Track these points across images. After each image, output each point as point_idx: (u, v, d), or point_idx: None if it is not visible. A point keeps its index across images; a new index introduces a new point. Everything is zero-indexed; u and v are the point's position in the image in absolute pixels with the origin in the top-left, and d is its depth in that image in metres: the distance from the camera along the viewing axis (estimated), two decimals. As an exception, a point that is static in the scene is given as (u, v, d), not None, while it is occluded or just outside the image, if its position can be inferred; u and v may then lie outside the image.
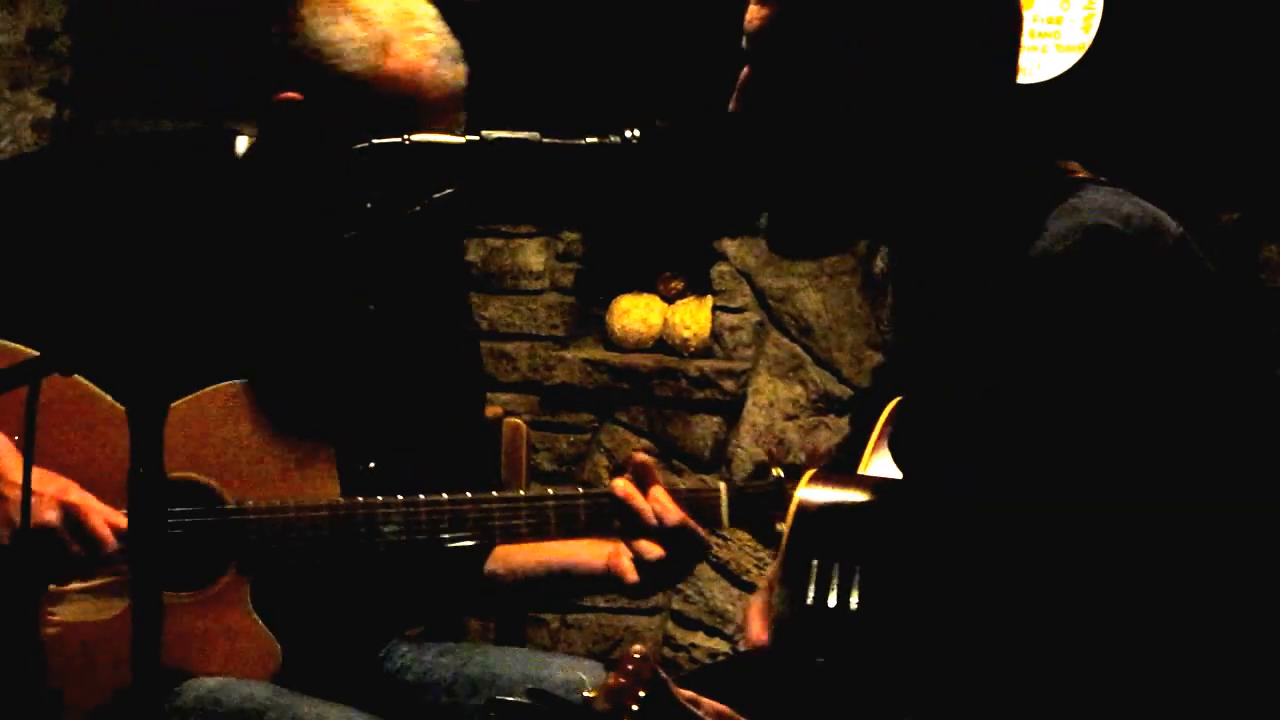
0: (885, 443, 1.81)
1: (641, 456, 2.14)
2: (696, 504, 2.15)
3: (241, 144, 2.19)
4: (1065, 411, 1.45)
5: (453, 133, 2.15)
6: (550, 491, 2.16)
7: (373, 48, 2.05)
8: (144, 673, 1.47)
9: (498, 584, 2.30)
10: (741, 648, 3.98)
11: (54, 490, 1.97)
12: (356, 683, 2.16)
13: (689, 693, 1.52)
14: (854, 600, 1.56)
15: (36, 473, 1.95)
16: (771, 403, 3.99)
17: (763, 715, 1.56)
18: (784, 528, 2.13)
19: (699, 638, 4.05)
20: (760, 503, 2.20)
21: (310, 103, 2.05)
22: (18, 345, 2.03)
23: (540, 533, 2.14)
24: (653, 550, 2.09)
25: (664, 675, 1.49)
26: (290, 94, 2.06)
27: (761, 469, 2.29)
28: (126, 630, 1.49)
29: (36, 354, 1.96)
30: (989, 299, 1.51)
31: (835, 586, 1.57)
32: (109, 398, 2.05)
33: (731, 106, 1.64)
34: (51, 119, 4.40)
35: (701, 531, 2.12)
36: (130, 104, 4.32)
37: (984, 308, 1.51)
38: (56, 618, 2.02)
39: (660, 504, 2.09)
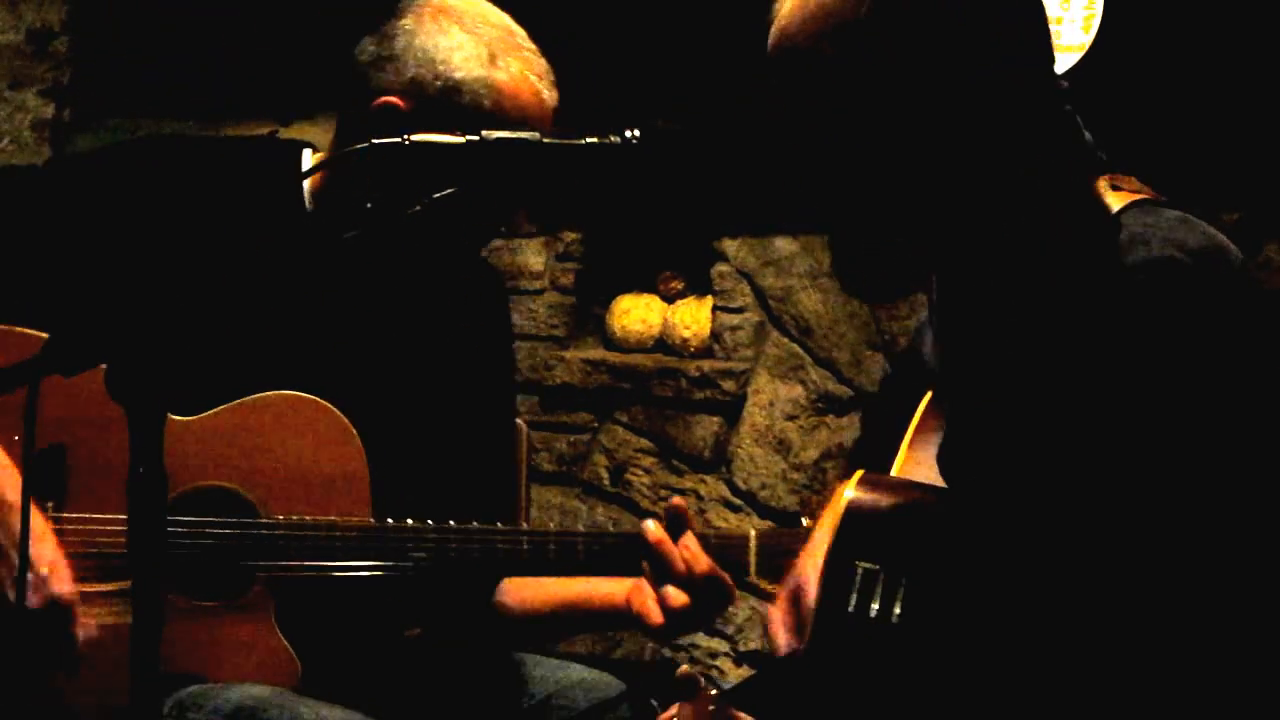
0: (922, 444, 1.79)
1: (678, 501, 2.12)
2: (723, 551, 2.14)
3: (308, 156, 2.18)
4: (1147, 437, 1.44)
5: None
6: (581, 529, 2.15)
7: (481, 57, 2.05)
8: (143, 673, 1.47)
9: (508, 615, 2.29)
10: (742, 648, 3.98)
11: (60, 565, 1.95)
12: (368, 690, 2.15)
13: (747, 718, 1.52)
14: (896, 611, 1.55)
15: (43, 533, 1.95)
16: (771, 403, 3.99)
17: None
18: (810, 523, 2.12)
19: (699, 637, 4.05)
20: (789, 555, 2.19)
21: (414, 110, 2.04)
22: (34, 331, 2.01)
23: (566, 569, 2.14)
24: (679, 597, 2.07)
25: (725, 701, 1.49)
26: (393, 99, 2.04)
27: (791, 518, 2.27)
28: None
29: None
30: (1059, 319, 1.49)
31: (879, 596, 1.56)
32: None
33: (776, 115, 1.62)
34: (51, 119, 4.40)
35: (729, 581, 2.10)
36: (130, 104, 4.32)
37: (1055, 328, 1.49)
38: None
39: (691, 552, 2.07)
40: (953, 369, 1.71)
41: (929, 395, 1.86)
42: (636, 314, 4.21)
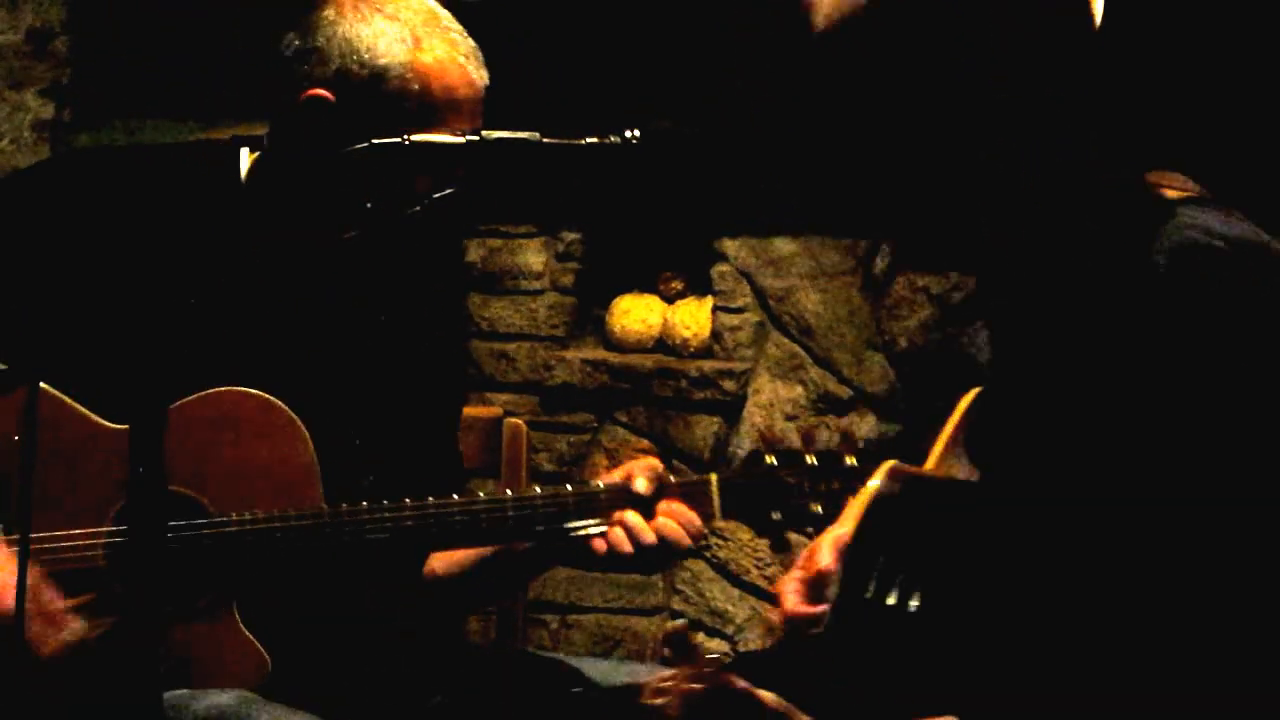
0: (959, 440, 1.78)
1: (655, 463, 2.15)
2: (688, 497, 2.14)
3: (245, 156, 2.18)
4: (1179, 427, 1.43)
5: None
6: (537, 490, 2.15)
7: (405, 42, 2.05)
8: (143, 683, 1.47)
9: (435, 578, 2.28)
10: (741, 649, 3.99)
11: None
12: (339, 682, 2.15)
13: (744, 683, 1.51)
14: (914, 603, 1.54)
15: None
16: (771, 403, 3.98)
17: (812, 705, 1.55)
18: (771, 459, 2.11)
19: (699, 638, 4.05)
20: (752, 493, 2.17)
21: (340, 100, 2.04)
22: None
23: (526, 535, 2.14)
24: (648, 535, 2.10)
25: (723, 665, 1.49)
26: (320, 91, 2.05)
27: (754, 456, 2.24)
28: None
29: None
30: (1100, 315, 1.48)
31: (898, 586, 1.56)
32: (82, 410, 2.03)
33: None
34: (51, 119, 4.40)
35: (697, 523, 2.12)
36: (130, 104, 4.32)
37: (1098, 322, 1.49)
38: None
39: (637, 527, 2.10)
40: (1002, 359, 1.70)
41: (971, 394, 1.85)
42: (636, 314, 4.21)
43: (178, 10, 4.32)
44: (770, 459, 2.17)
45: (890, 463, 1.70)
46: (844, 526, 1.75)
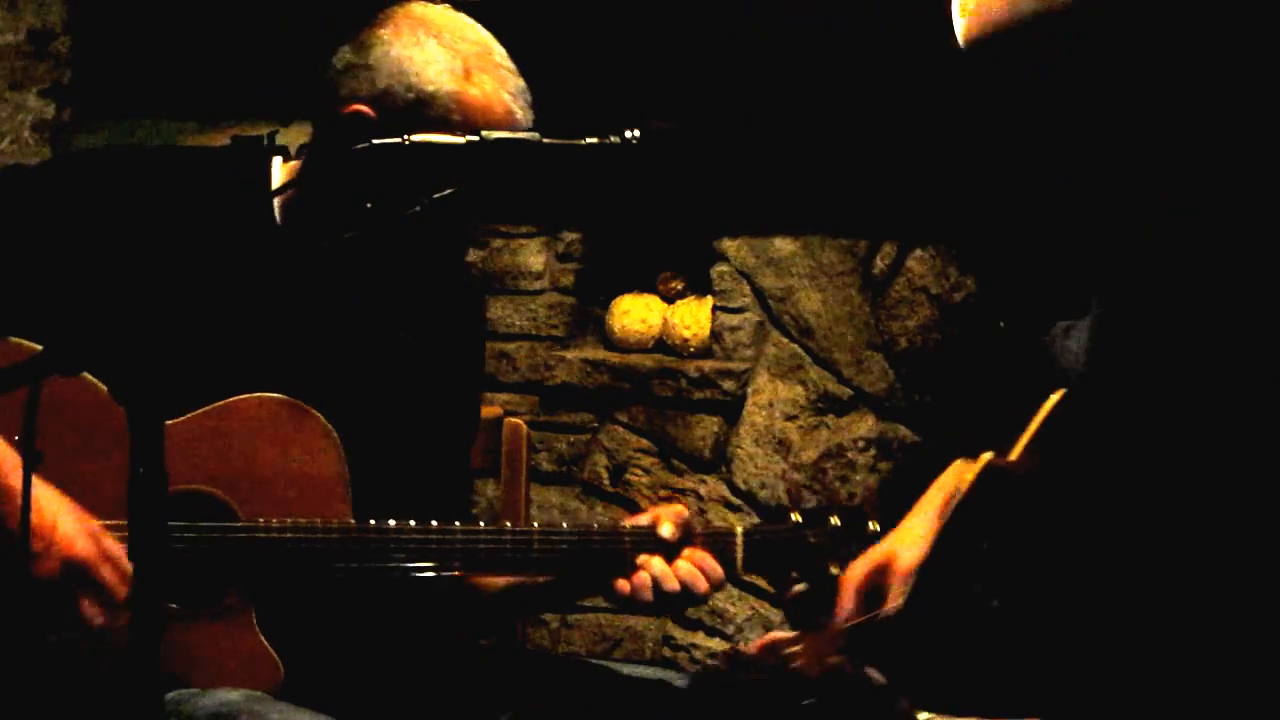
0: (1043, 441, 1.78)
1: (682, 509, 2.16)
2: (711, 547, 2.16)
3: (277, 165, 2.17)
4: None
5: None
6: (564, 526, 2.16)
7: (455, 72, 2.04)
8: (143, 680, 1.47)
9: (469, 594, 2.29)
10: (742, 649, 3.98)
11: (63, 534, 1.95)
12: (352, 693, 2.15)
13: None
14: (996, 599, 1.55)
15: (52, 500, 1.95)
16: (771, 403, 3.98)
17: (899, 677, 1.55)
18: (797, 517, 2.13)
19: (699, 638, 4.05)
20: (775, 550, 2.20)
21: (381, 120, 2.03)
22: (25, 341, 2.02)
23: (549, 568, 2.15)
24: (672, 583, 2.12)
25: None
26: (362, 107, 2.04)
27: (779, 512, 2.27)
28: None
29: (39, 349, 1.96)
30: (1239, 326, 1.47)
31: (983, 577, 1.56)
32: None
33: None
34: (51, 119, 4.40)
35: (719, 574, 2.13)
36: (130, 104, 4.32)
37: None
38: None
39: (661, 573, 2.12)
40: (1108, 366, 1.68)
41: (1057, 395, 1.85)
42: (636, 314, 4.21)
43: (177, 10, 4.32)
44: (795, 516, 2.20)
45: (987, 456, 1.70)
46: (914, 528, 1.75)
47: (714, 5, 3.84)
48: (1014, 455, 1.80)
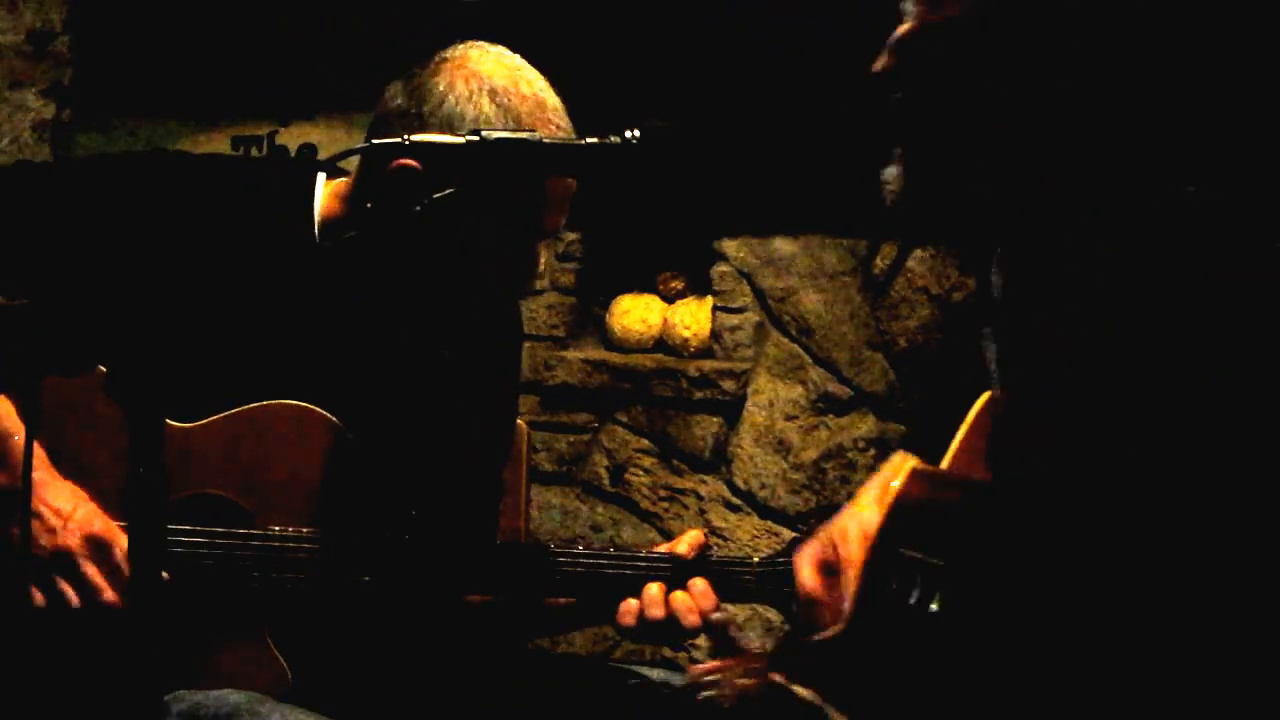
0: (975, 443, 1.78)
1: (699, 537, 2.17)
2: (725, 572, 2.17)
3: (320, 182, 2.15)
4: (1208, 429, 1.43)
5: (555, 232, 2.16)
6: (580, 548, 2.16)
7: (505, 129, 1.99)
8: (143, 680, 1.47)
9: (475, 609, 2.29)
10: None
11: (81, 516, 1.96)
12: (361, 703, 2.15)
13: (780, 677, 1.52)
14: (935, 605, 1.55)
15: (67, 489, 1.96)
16: (771, 403, 3.99)
17: (841, 700, 1.55)
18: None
19: (699, 638, 4.04)
20: (786, 580, 2.20)
21: (426, 174, 1.98)
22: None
23: (557, 590, 2.15)
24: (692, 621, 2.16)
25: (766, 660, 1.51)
26: (409, 161, 1.99)
27: (791, 518, 2.29)
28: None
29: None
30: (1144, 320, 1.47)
31: (920, 586, 1.56)
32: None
33: (881, 63, 1.58)
34: (51, 119, 4.40)
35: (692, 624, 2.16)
36: (130, 104, 4.32)
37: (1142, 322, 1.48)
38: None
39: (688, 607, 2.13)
40: (1021, 366, 1.69)
41: (985, 397, 1.85)
42: (636, 314, 4.21)
43: (178, 10, 4.32)
44: None
45: (912, 463, 1.70)
46: (864, 510, 1.75)
47: (714, 5, 3.84)
48: (946, 458, 1.81)
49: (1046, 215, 1.56)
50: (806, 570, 1.79)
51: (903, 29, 1.57)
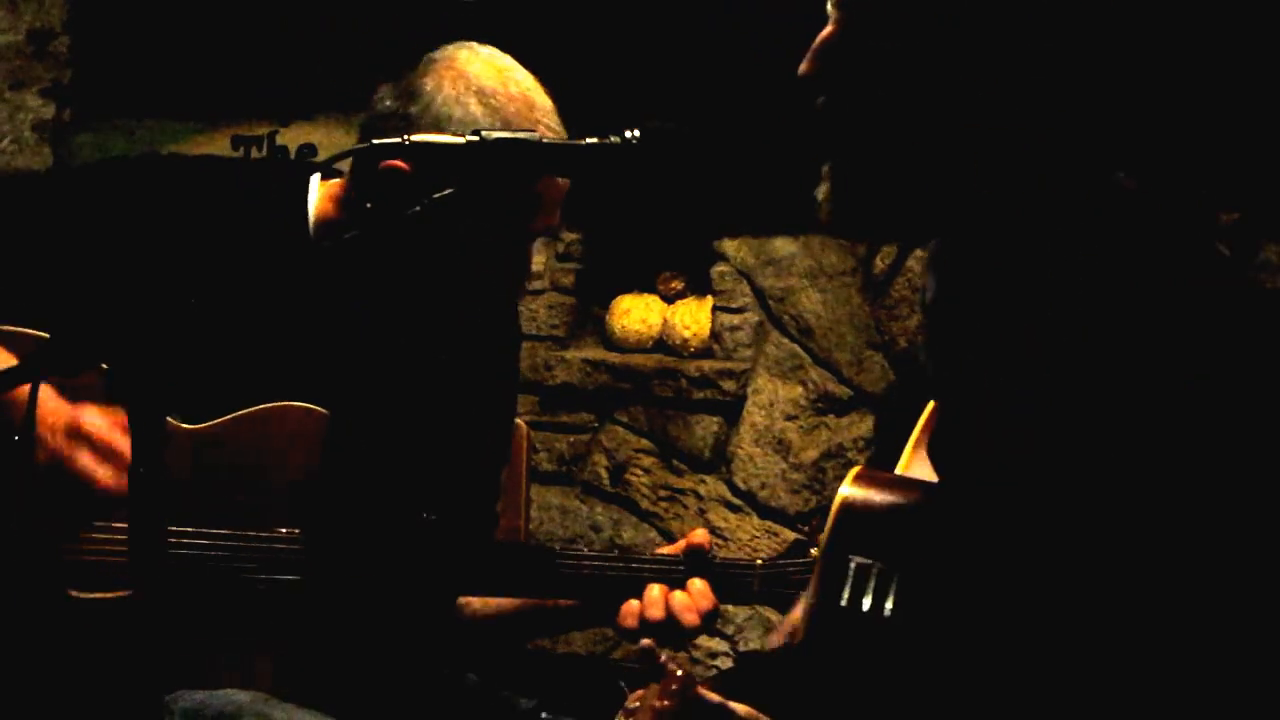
0: (925, 444, 1.79)
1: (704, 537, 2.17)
2: (728, 574, 2.17)
3: (314, 183, 2.16)
4: (1140, 428, 1.43)
5: (550, 231, 2.15)
6: (584, 550, 2.16)
7: (494, 129, 2.01)
8: (143, 680, 1.47)
9: (470, 616, 2.29)
10: (742, 648, 3.99)
11: (63, 421, 1.94)
12: (360, 706, 2.15)
13: (717, 697, 1.52)
14: (889, 606, 1.55)
15: (50, 398, 1.94)
16: (771, 403, 3.99)
17: (789, 716, 1.55)
18: (817, 552, 2.15)
19: (699, 638, 4.05)
20: (790, 583, 2.20)
21: (415, 175, 2.00)
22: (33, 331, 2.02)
23: (563, 590, 2.15)
24: (692, 619, 2.13)
25: (694, 681, 1.50)
26: (398, 163, 2.00)
27: (799, 547, 2.29)
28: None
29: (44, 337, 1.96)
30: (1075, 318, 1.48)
31: (871, 591, 1.56)
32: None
33: (804, 68, 1.59)
34: (51, 119, 4.40)
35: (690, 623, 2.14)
36: (130, 104, 4.32)
37: (1066, 324, 1.48)
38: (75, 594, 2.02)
39: (685, 606, 2.13)
40: (946, 358, 1.70)
41: (932, 404, 1.86)
42: (636, 314, 4.21)
43: (178, 10, 4.32)
44: (815, 552, 2.21)
45: (856, 468, 1.70)
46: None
47: (714, 5, 3.84)
48: (901, 462, 1.81)
49: (975, 213, 1.57)
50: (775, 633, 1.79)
51: (824, 33, 1.58)
